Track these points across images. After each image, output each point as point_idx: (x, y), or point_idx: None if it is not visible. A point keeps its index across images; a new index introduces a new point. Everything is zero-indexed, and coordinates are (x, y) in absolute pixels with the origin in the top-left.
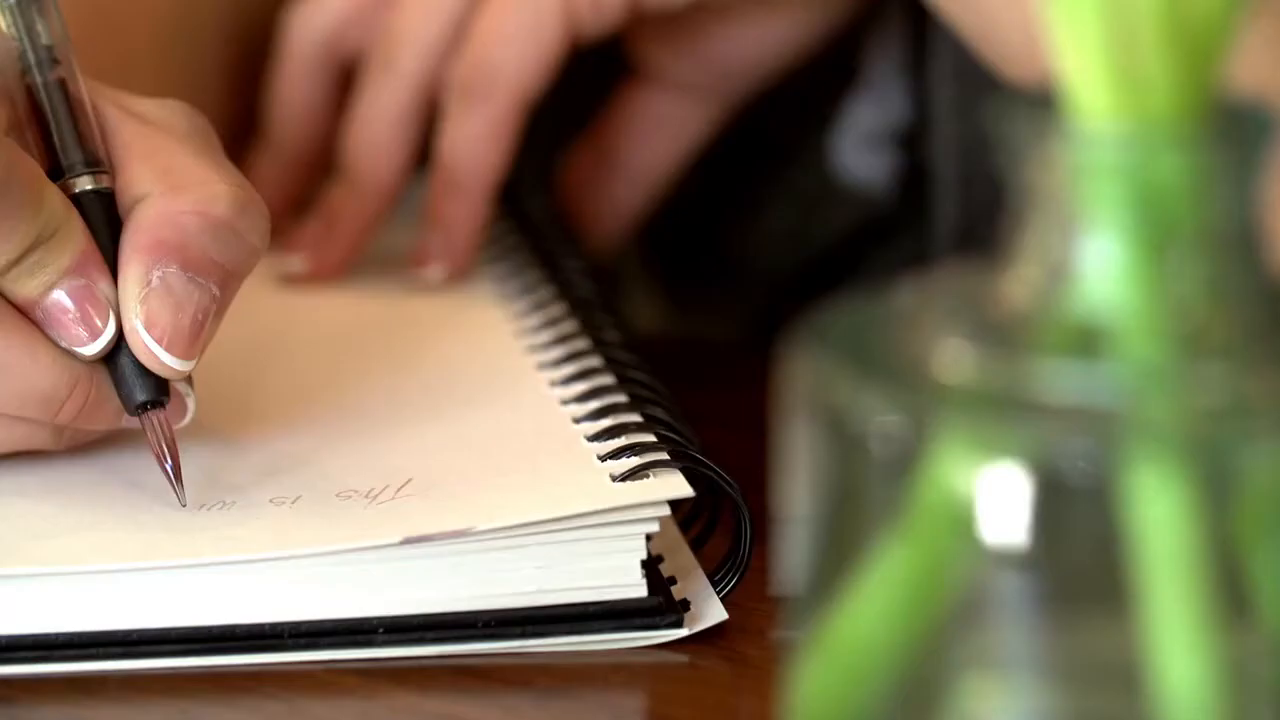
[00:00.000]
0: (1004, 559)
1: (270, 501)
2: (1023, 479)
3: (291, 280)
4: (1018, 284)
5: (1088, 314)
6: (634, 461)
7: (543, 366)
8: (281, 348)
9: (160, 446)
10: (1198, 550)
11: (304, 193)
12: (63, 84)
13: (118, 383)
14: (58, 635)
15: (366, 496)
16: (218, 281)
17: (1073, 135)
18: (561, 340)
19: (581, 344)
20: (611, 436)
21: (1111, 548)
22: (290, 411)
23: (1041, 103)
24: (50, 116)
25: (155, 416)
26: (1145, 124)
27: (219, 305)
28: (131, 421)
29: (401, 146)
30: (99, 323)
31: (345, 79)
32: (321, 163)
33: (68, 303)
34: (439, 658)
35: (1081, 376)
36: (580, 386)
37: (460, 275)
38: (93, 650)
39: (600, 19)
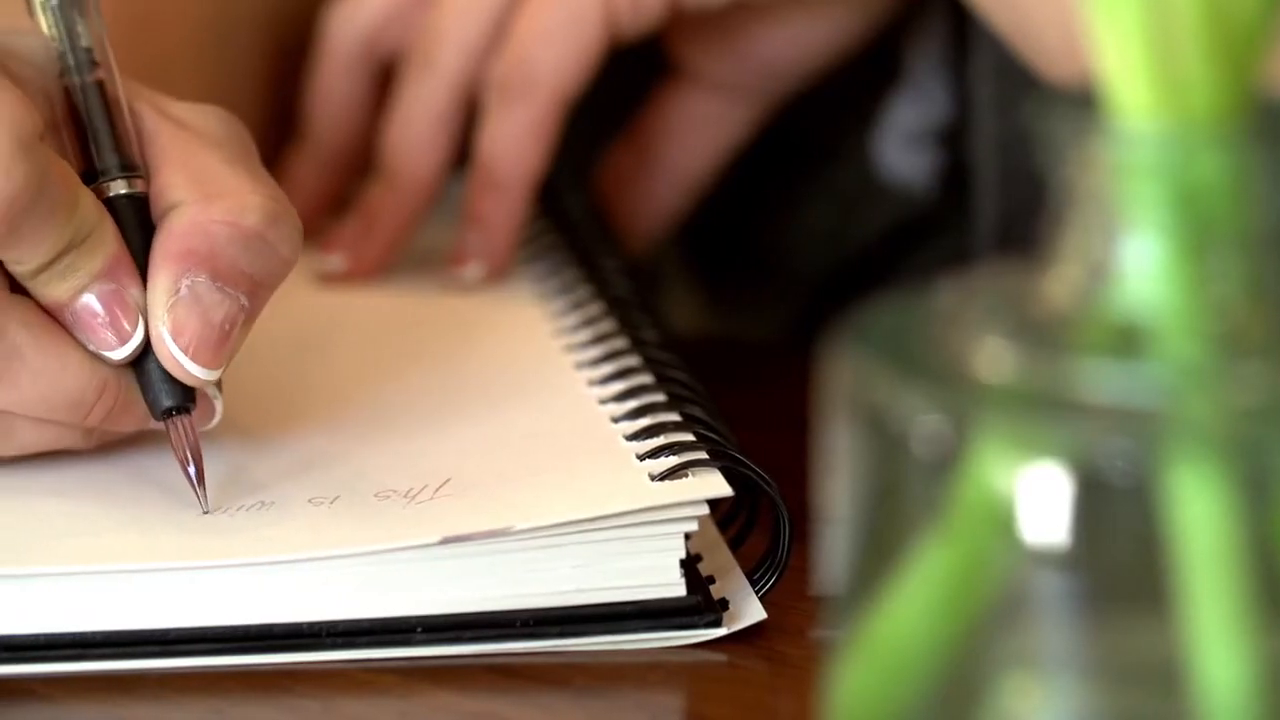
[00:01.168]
0: (1044, 558)
1: (309, 501)
2: (1063, 478)
3: (330, 279)
4: (1058, 283)
5: (1127, 313)
6: (672, 461)
7: (581, 366)
8: (320, 347)
9: (184, 453)
10: (1237, 549)
11: (342, 191)
12: (101, 86)
13: (144, 388)
14: (95, 634)
15: (405, 496)
16: (246, 292)
17: (1113, 134)
18: (599, 339)
19: (619, 343)
20: (650, 436)
21: (1151, 547)
22: (329, 411)
23: (1081, 101)
24: (87, 119)
25: (180, 422)
26: (1185, 123)
27: (247, 315)
28: (158, 425)
29: (440, 145)
30: (128, 327)
31: (385, 78)
32: (360, 162)
33: (97, 307)
34: (477, 657)
35: (1121, 376)
36: (618, 386)
37: (498, 274)
38: (130, 649)
39: (639, 18)
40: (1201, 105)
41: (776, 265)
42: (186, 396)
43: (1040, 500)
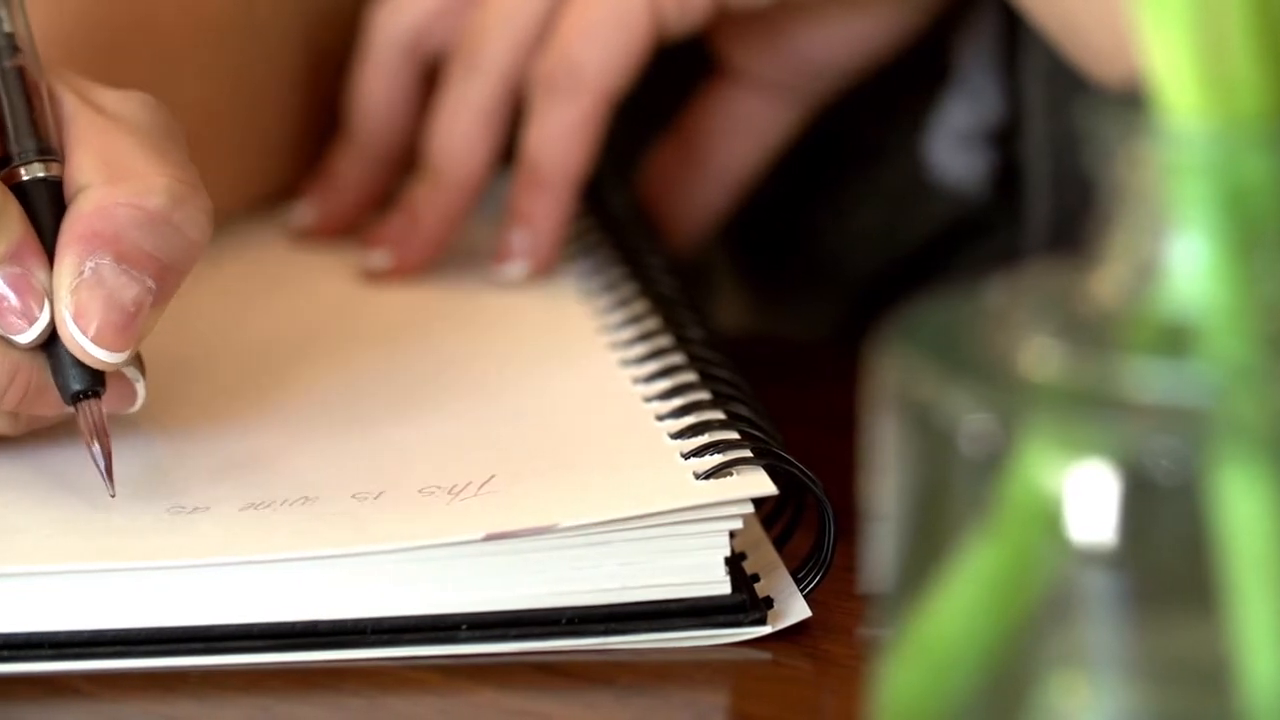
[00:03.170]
0: (1091, 557)
1: (352, 497)
2: (1110, 477)
3: (374, 276)
4: (1105, 282)
5: (1175, 312)
6: (717, 459)
7: (625, 363)
8: (362, 344)
9: (91, 437)
10: None
11: (387, 189)
12: (21, 71)
13: (55, 371)
14: (139, 631)
15: (449, 493)
16: (153, 274)
17: (1161, 134)
18: (644, 337)
19: (664, 341)
20: (694, 434)
21: (1198, 546)
22: (372, 407)
23: (1130, 101)
24: (5, 104)
25: (89, 406)
26: (1233, 123)
27: (156, 298)
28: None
29: (485, 142)
30: (35, 310)
31: (429, 75)
32: (405, 159)
33: (4, 290)
34: (521, 654)
35: (1169, 375)
36: (663, 384)
37: (543, 272)
38: (174, 646)
39: (685, 17)
40: (1249, 105)
41: (824, 264)
42: (95, 380)
43: (1087, 499)
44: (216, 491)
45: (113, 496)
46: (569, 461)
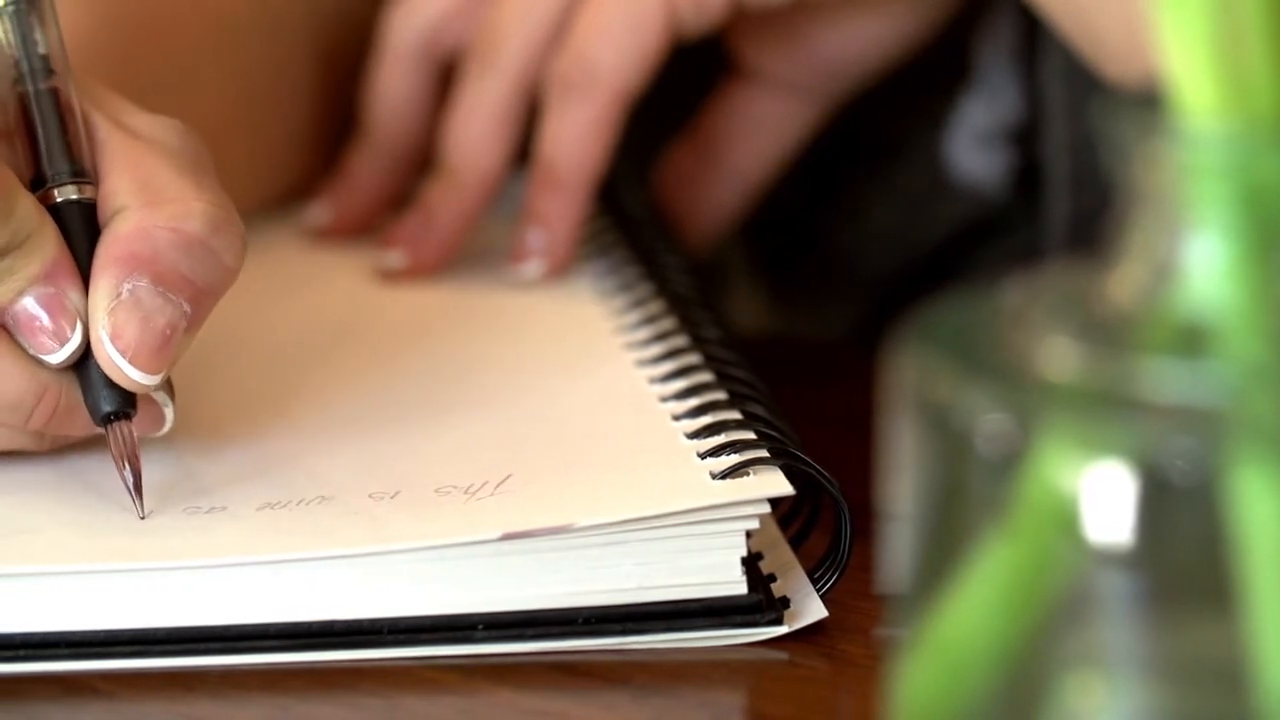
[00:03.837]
0: (1108, 557)
1: (369, 496)
2: (1127, 477)
3: (390, 275)
4: (1122, 282)
5: (1192, 313)
6: (733, 459)
7: (641, 363)
8: (379, 343)
9: (122, 460)
10: None
11: (403, 189)
12: (55, 93)
13: (85, 392)
14: (157, 630)
15: (465, 492)
16: (189, 298)
17: (1178, 134)
18: (660, 337)
19: (680, 341)
20: (710, 434)
21: (1215, 546)
22: (388, 407)
23: (1148, 102)
24: (40, 126)
25: (120, 428)
26: (1251, 123)
27: (190, 322)
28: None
29: (501, 142)
30: (67, 331)
31: (445, 75)
32: (421, 159)
33: (36, 310)
34: (538, 654)
35: (1186, 375)
36: (679, 384)
37: (559, 271)
38: (192, 645)
39: (701, 17)
40: (1266, 105)
41: (841, 264)
42: (127, 402)
43: (1104, 499)
44: (233, 491)
45: (142, 518)
46: (585, 461)
